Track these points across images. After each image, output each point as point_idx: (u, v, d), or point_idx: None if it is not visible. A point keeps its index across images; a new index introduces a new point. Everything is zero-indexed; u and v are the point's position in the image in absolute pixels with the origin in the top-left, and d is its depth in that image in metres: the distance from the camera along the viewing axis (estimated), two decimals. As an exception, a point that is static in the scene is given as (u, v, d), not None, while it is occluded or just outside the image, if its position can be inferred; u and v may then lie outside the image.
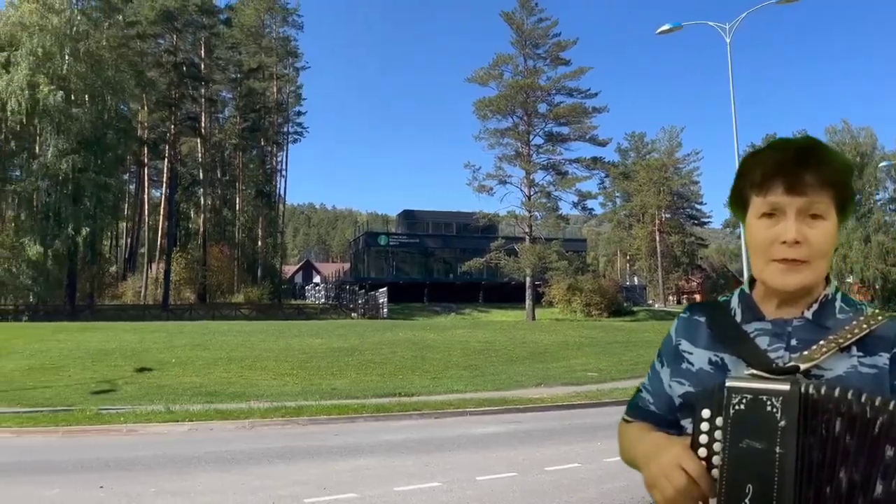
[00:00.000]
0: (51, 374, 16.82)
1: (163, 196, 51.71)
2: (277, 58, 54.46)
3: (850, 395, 1.00)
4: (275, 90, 55.09)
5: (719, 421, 1.05)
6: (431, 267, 50.68)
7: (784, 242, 1.12)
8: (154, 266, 49.41)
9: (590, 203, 46.26)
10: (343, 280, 54.97)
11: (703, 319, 1.26)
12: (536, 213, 41.49)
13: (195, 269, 47.60)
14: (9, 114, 34.87)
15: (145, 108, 47.18)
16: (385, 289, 41.36)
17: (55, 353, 19.03)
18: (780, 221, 1.13)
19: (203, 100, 50.66)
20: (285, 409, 12.56)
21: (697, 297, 61.32)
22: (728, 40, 20.31)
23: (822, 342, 1.12)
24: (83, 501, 6.46)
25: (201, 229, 50.15)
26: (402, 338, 24.57)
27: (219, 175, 53.99)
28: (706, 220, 74.86)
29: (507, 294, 44.75)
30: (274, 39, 55.00)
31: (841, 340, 1.11)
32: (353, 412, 12.51)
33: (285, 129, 58.07)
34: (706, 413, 1.07)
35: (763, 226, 1.15)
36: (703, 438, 1.07)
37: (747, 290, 1.25)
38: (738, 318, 1.22)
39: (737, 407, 1.03)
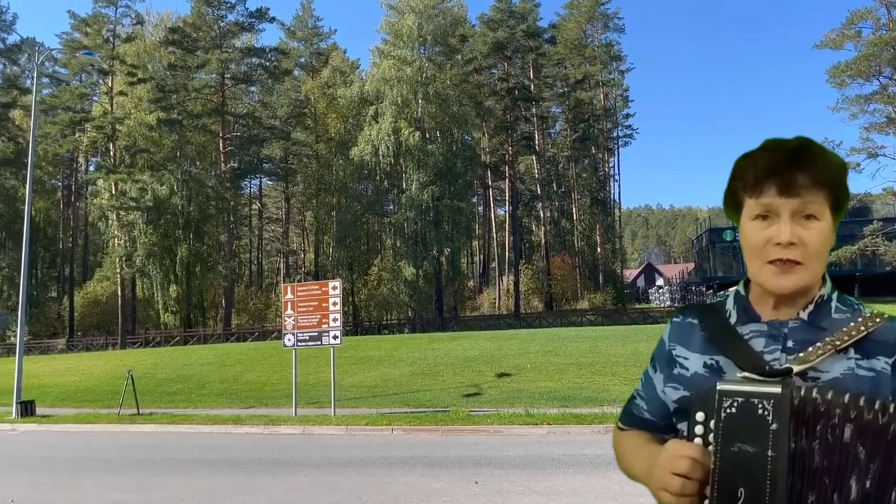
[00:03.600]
0: (429, 378, 19.18)
1: (506, 213, 55.73)
2: (602, 65, 54.91)
3: (843, 399, 0.98)
4: (601, 97, 55.56)
5: (712, 424, 1.04)
6: (789, 261, 45.50)
7: (778, 244, 1.10)
8: (504, 278, 53.39)
9: None
10: (688, 281, 52.60)
11: (696, 322, 1.22)
12: (923, 186, 34.62)
13: (540, 279, 50.19)
14: (381, 157, 41.23)
15: (485, 134, 51.56)
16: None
17: (431, 360, 21.66)
18: (774, 223, 1.11)
19: (535, 118, 53.43)
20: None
21: None
22: None
23: (818, 344, 1.09)
24: (462, 494, 7.20)
25: (542, 241, 52.70)
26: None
27: (555, 188, 56.23)
28: None
29: (892, 285, 37.99)
30: (596, 47, 55.61)
31: (838, 342, 1.08)
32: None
33: (615, 135, 58.12)
34: (700, 416, 1.06)
35: (757, 227, 1.13)
36: (698, 441, 1.06)
37: (742, 292, 1.21)
38: (734, 319, 1.19)
39: (728, 410, 1.02)
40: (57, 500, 7.37)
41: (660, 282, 69.09)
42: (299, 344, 15.26)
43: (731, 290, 1.29)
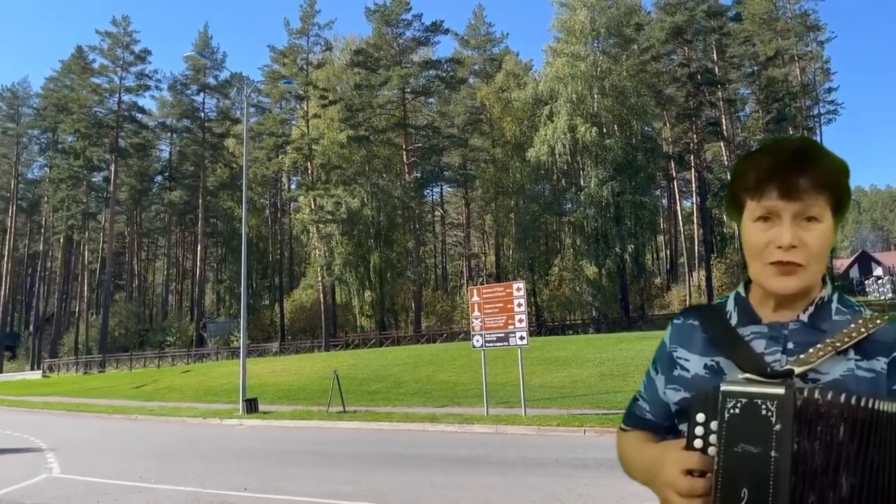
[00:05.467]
0: (619, 380, 18.71)
1: (694, 205, 52.78)
2: (796, 37, 50.20)
3: (844, 399, 1.00)
4: (798, 72, 50.78)
5: (714, 425, 1.04)
6: None
7: (780, 247, 1.10)
8: (694, 274, 50.58)
9: None
10: (914, 270, 46.31)
11: (697, 324, 1.23)
12: None
13: (735, 273, 46.89)
14: (557, 156, 40.98)
15: (667, 124, 49.28)
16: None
17: (619, 361, 21.12)
18: (775, 225, 1.12)
19: (721, 102, 50.12)
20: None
21: None
22: None
23: (818, 345, 1.10)
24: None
25: (736, 233, 49.18)
26: None
27: (747, 174, 52.24)
28: None
29: None
30: (789, 19, 50.94)
31: (838, 344, 1.09)
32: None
33: (815, 112, 52.82)
34: (700, 417, 1.07)
35: (758, 229, 1.13)
36: (698, 443, 1.06)
37: (743, 293, 1.22)
38: (734, 321, 1.20)
39: (731, 411, 1.02)
40: (283, 488, 8.19)
41: (878, 271, 61.56)
42: (487, 345, 15.61)
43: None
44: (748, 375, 1.09)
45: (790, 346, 1.13)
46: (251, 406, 18.74)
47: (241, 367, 20.00)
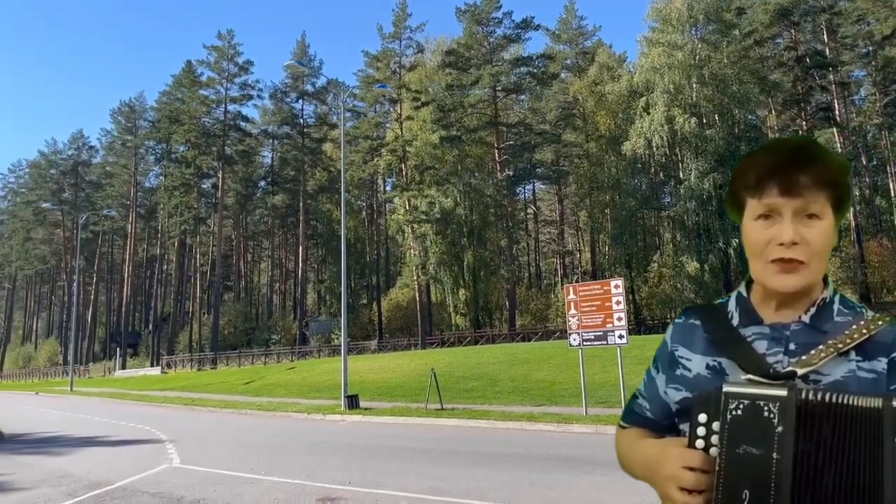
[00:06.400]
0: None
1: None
2: (918, 12, 46.41)
3: (842, 400, 1.00)
4: (920, 50, 46.96)
5: (716, 426, 1.05)
6: None
7: (781, 244, 1.11)
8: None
9: None
10: None
11: (698, 323, 1.24)
12: None
13: (852, 267, 43.92)
14: (654, 149, 39.76)
15: (772, 111, 46.80)
16: None
17: (724, 360, 20.26)
18: (776, 223, 1.12)
19: (833, 86, 47.11)
20: None
21: None
22: None
23: (820, 347, 1.10)
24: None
25: (853, 224, 46.09)
26: None
27: (864, 162, 48.92)
28: None
29: None
30: (909, -8, 47.16)
31: (840, 345, 1.10)
32: None
33: (941, 91, 48.65)
34: (703, 417, 1.07)
35: (759, 227, 1.14)
36: (700, 443, 1.07)
37: (744, 293, 1.22)
38: (736, 321, 1.20)
39: (734, 412, 1.03)
40: (384, 483, 8.40)
41: None
42: (584, 343, 15.38)
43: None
44: (751, 377, 1.10)
45: (792, 347, 1.13)
46: (352, 402, 19.30)
47: (342, 365, 20.64)
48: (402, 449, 11.71)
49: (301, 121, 65.09)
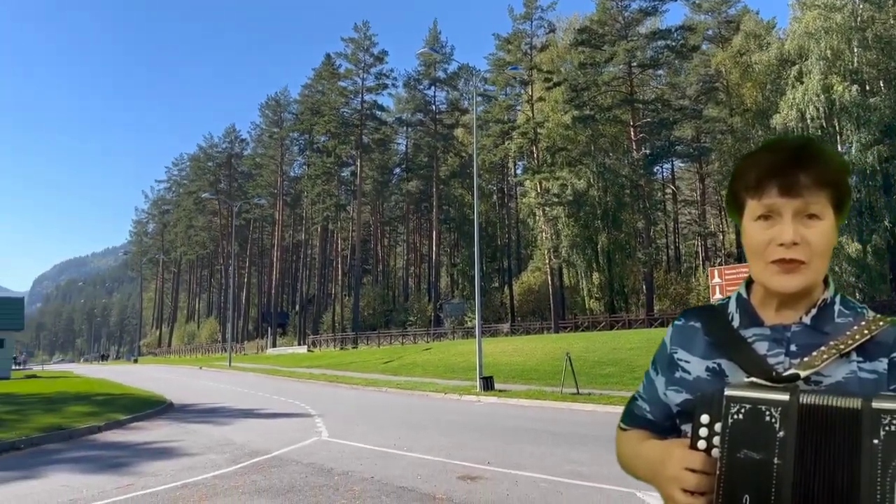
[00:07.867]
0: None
1: None
2: None
3: (843, 403, 1.00)
4: None
5: (718, 427, 1.05)
6: None
7: (782, 244, 1.11)
8: None
9: None
10: None
11: (699, 325, 1.23)
12: None
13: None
14: (808, 121, 36.70)
15: (951, 73, 41.68)
16: None
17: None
18: (776, 223, 1.12)
19: None
20: None
21: None
22: None
23: (822, 348, 1.10)
24: None
25: None
26: None
27: None
28: None
29: None
30: None
31: (841, 346, 1.10)
32: None
33: None
34: (705, 419, 1.07)
35: (760, 228, 1.14)
36: (702, 444, 1.07)
37: (745, 294, 1.22)
38: (736, 323, 1.19)
39: (735, 416, 1.03)
40: (523, 465, 8.46)
41: None
42: (731, 330, 14.59)
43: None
44: (753, 379, 1.08)
45: (793, 348, 1.12)
46: (487, 384, 19.54)
47: (476, 347, 20.94)
48: (539, 431, 11.72)
49: (433, 107, 66.23)
